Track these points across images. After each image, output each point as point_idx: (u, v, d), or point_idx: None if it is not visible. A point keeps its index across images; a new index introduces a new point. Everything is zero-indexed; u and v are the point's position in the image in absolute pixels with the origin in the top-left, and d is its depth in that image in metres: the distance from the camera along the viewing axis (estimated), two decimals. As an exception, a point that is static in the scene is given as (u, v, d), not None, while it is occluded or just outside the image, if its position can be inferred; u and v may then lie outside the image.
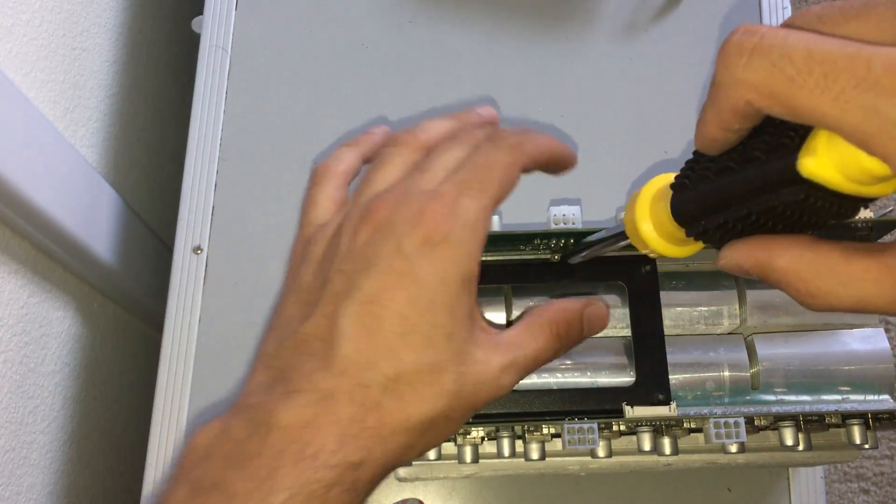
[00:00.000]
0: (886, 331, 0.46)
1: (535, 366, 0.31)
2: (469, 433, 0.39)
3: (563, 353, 0.32)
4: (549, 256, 0.38)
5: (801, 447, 0.39)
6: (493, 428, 0.39)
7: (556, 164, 0.33)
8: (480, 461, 0.41)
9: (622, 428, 0.39)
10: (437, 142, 0.32)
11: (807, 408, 0.37)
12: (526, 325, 0.32)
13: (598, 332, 0.33)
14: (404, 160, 0.32)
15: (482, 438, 0.40)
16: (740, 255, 0.25)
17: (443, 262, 0.28)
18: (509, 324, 0.38)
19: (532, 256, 0.38)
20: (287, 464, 0.26)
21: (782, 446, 0.39)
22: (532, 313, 0.32)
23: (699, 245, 0.27)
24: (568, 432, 0.36)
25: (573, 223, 0.38)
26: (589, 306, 0.32)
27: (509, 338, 0.31)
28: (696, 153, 0.25)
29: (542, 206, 0.52)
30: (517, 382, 0.31)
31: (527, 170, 0.31)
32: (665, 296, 0.39)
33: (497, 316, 0.39)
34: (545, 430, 0.39)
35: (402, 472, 0.44)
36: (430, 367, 0.28)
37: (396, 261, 0.28)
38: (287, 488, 0.26)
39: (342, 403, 0.27)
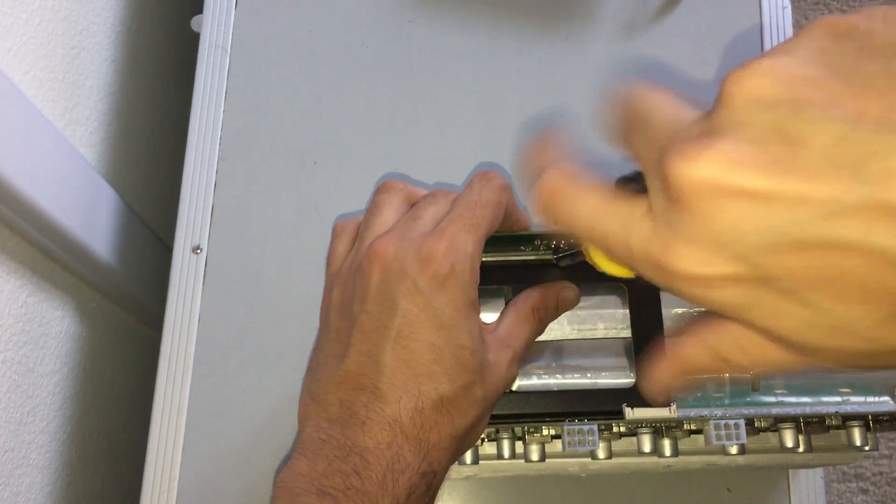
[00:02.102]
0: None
1: (527, 349, 0.36)
2: (469, 434, 0.39)
3: (543, 332, 0.38)
4: (549, 257, 0.38)
5: (801, 449, 0.39)
6: (493, 429, 0.39)
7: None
8: (480, 462, 0.41)
9: (622, 429, 0.39)
10: (421, 196, 0.37)
11: (807, 409, 0.37)
12: (514, 316, 0.36)
13: (570, 309, 0.38)
14: (398, 206, 0.37)
15: (482, 439, 0.40)
16: (664, 379, 0.29)
17: (453, 292, 0.32)
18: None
19: (532, 257, 0.38)
20: (393, 472, 0.31)
21: (782, 448, 0.39)
22: (516, 303, 0.37)
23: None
24: (568, 434, 0.36)
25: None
26: (563, 290, 0.37)
27: (505, 332, 0.35)
28: None
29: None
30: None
31: (507, 210, 0.36)
32: (665, 297, 0.39)
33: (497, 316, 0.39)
34: (545, 432, 0.39)
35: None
36: (464, 384, 0.32)
37: (415, 298, 0.32)
38: (397, 496, 0.30)
39: (407, 426, 0.31)
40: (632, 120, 0.25)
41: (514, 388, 0.38)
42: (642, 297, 0.38)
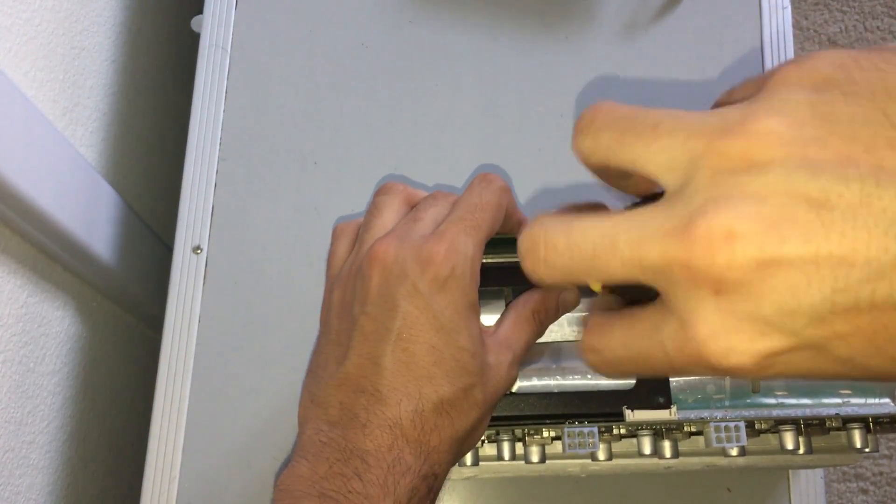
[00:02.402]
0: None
1: (527, 351, 0.36)
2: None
3: (543, 334, 0.37)
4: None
5: (801, 451, 0.39)
6: (494, 431, 0.39)
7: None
8: (481, 464, 0.41)
9: (622, 431, 0.39)
10: (421, 198, 0.37)
11: (807, 411, 0.37)
12: (514, 318, 0.36)
13: (570, 311, 0.38)
14: (398, 208, 0.36)
15: (482, 441, 0.40)
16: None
17: (453, 294, 0.32)
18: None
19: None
20: (395, 474, 0.31)
21: (783, 449, 0.39)
22: (517, 305, 0.37)
23: None
24: (568, 436, 0.36)
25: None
26: (563, 292, 0.37)
27: (505, 334, 0.35)
28: None
29: (543, 207, 0.52)
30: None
31: (507, 212, 0.36)
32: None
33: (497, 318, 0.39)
34: (545, 434, 0.39)
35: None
36: (464, 386, 0.32)
37: (415, 300, 0.32)
38: (398, 499, 0.30)
39: (408, 429, 0.31)
40: (633, 124, 0.24)
41: (515, 389, 0.38)
42: (643, 299, 0.38)
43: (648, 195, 0.27)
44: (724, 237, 0.20)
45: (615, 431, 0.39)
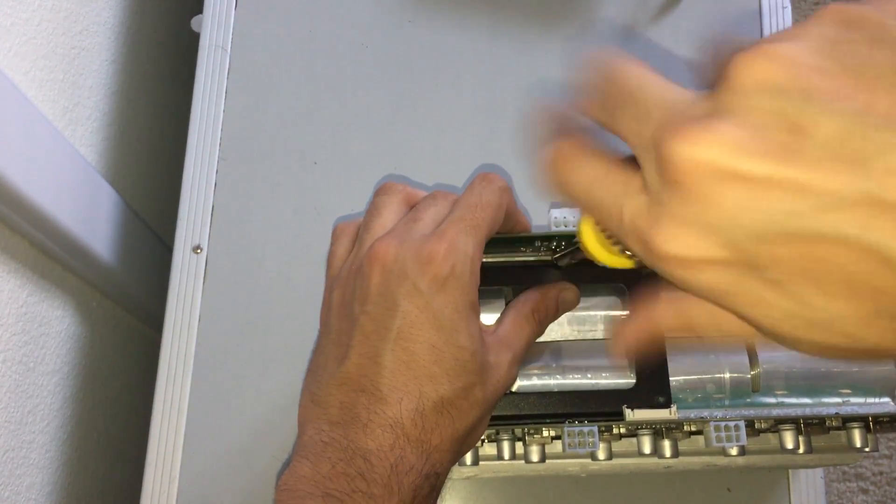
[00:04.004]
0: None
1: (527, 351, 0.36)
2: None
3: (542, 333, 0.38)
4: (549, 258, 0.38)
5: (801, 450, 0.39)
6: (494, 430, 0.39)
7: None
8: (481, 463, 0.41)
9: (622, 430, 0.39)
10: (421, 197, 0.37)
11: (807, 410, 0.37)
12: (514, 317, 0.36)
13: (570, 310, 0.38)
14: (397, 207, 0.36)
15: (482, 440, 0.40)
16: (629, 339, 0.29)
17: (453, 294, 0.32)
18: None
19: (533, 258, 0.38)
20: (398, 474, 0.31)
21: (783, 449, 0.39)
22: (516, 305, 0.37)
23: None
24: (568, 435, 0.36)
25: (573, 225, 0.38)
26: (562, 291, 0.37)
27: (505, 333, 0.35)
28: None
29: (543, 208, 0.52)
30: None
31: (508, 212, 0.36)
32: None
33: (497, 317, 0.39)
34: (545, 433, 0.39)
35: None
36: (464, 385, 0.32)
37: (415, 299, 0.32)
38: (402, 498, 0.30)
39: (409, 428, 0.31)
40: (617, 95, 0.24)
41: (515, 389, 0.38)
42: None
43: None
44: (694, 138, 0.20)
45: (615, 431, 0.39)
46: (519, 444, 0.40)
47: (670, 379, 0.37)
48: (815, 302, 0.21)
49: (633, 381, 0.38)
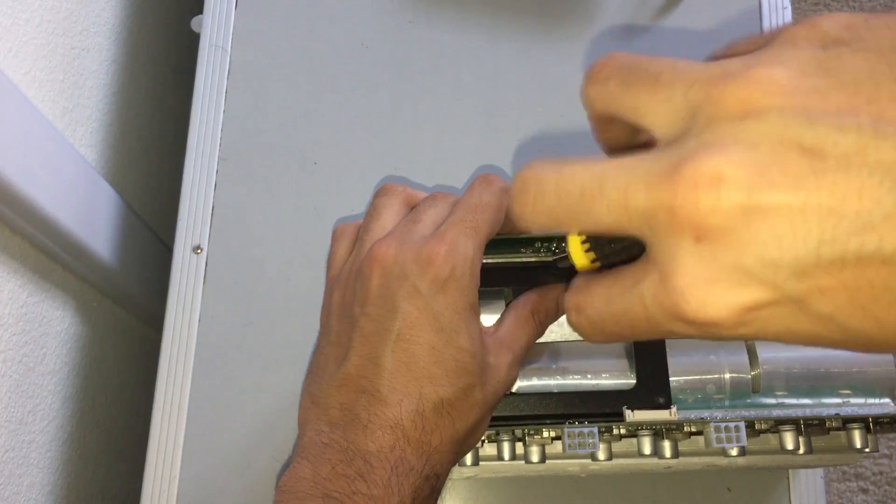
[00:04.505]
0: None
1: (527, 352, 0.36)
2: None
3: (542, 334, 0.37)
4: (549, 259, 0.38)
5: (801, 451, 0.39)
6: (494, 431, 0.39)
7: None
8: (481, 464, 0.41)
9: (622, 431, 0.39)
10: (420, 199, 0.37)
11: (807, 411, 0.37)
12: (514, 318, 0.36)
13: None
14: (397, 209, 0.36)
15: (482, 441, 0.40)
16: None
17: (453, 295, 0.32)
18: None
19: (533, 259, 0.38)
20: (398, 475, 0.31)
21: (783, 449, 0.39)
22: (517, 306, 0.37)
23: None
24: (568, 436, 0.36)
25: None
26: (562, 292, 0.37)
27: (505, 334, 0.35)
28: None
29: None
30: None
31: (507, 214, 0.35)
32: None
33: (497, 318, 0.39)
34: (545, 434, 0.39)
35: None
36: (464, 386, 0.32)
37: (415, 301, 0.32)
38: (402, 499, 0.30)
39: (409, 429, 0.31)
40: (636, 75, 0.24)
41: (514, 389, 0.38)
42: None
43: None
44: (709, 181, 0.19)
45: (615, 431, 0.39)
46: (519, 445, 0.40)
47: (670, 379, 0.37)
48: (865, 327, 0.20)
49: (633, 381, 0.38)
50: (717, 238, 0.19)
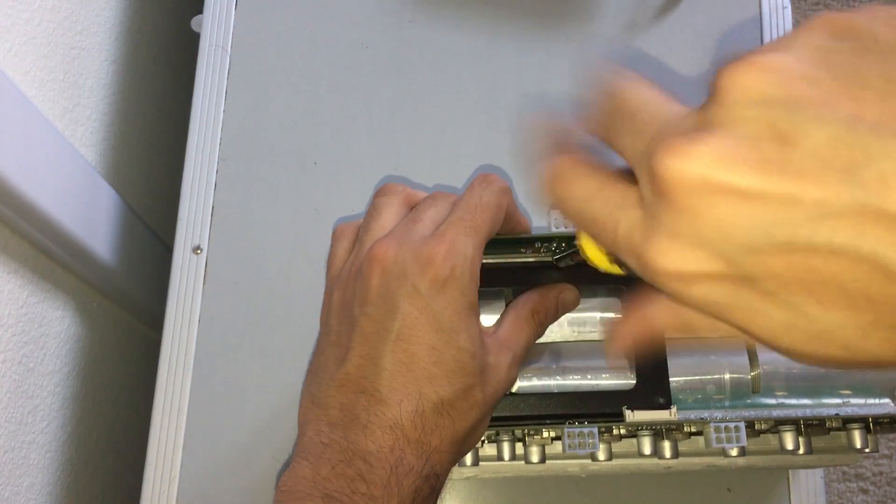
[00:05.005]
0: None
1: (527, 352, 0.36)
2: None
3: (542, 334, 0.38)
4: (549, 259, 0.38)
5: (801, 451, 0.39)
6: (494, 431, 0.39)
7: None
8: (481, 464, 0.41)
9: (622, 431, 0.39)
10: (420, 198, 0.37)
11: (807, 412, 0.37)
12: (514, 318, 0.36)
13: (570, 312, 0.38)
14: (397, 209, 0.36)
15: (482, 441, 0.40)
16: (625, 341, 0.29)
17: (453, 295, 0.32)
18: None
19: (532, 259, 0.38)
20: (398, 475, 0.31)
21: (783, 450, 0.39)
22: (516, 306, 0.37)
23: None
24: (568, 436, 0.36)
25: (574, 227, 0.38)
26: (562, 292, 0.37)
27: (505, 335, 0.35)
28: None
29: (543, 209, 0.52)
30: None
31: (507, 213, 0.36)
32: (666, 298, 0.39)
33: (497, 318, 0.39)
34: (545, 434, 0.39)
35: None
36: (464, 386, 0.32)
37: (415, 300, 0.32)
38: (402, 499, 0.31)
39: (409, 429, 0.31)
40: (617, 112, 0.24)
41: (514, 390, 0.38)
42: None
43: None
44: (683, 152, 0.20)
45: (615, 432, 0.39)
46: (519, 445, 0.40)
47: (670, 380, 0.37)
48: (812, 313, 0.20)
49: (633, 381, 0.38)
50: (680, 206, 0.21)
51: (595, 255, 0.30)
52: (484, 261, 0.35)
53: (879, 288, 0.19)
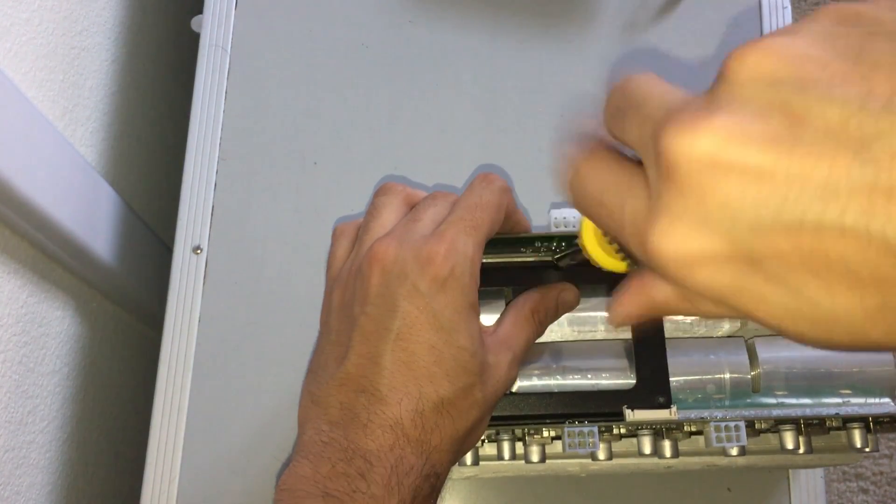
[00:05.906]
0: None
1: (527, 351, 0.36)
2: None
3: (542, 334, 0.38)
4: (549, 259, 0.38)
5: (801, 450, 0.39)
6: (494, 430, 0.39)
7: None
8: (481, 463, 0.41)
9: (623, 431, 0.39)
10: (420, 198, 0.37)
11: (807, 411, 0.37)
12: (513, 318, 0.36)
13: (570, 311, 0.38)
14: (397, 208, 0.36)
15: (482, 441, 0.40)
16: (626, 309, 0.29)
17: (453, 294, 0.32)
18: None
19: (533, 259, 0.38)
20: (398, 474, 0.31)
21: (783, 449, 0.39)
22: (516, 305, 0.37)
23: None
24: (568, 435, 0.36)
25: (574, 226, 0.38)
26: (562, 291, 0.37)
27: (505, 334, 0.35)
28: None
29: (543, 208, 0.52)
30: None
31: (507, 213, 0.36)
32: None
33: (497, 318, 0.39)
34: (545, 433, 0.39)
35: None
36: (464, 386, 0.33)
37: (415, 300, 0.32)
38: (402, 498, 0.31)
39: (409, 428, 0.31)
40: (625, 103, 0.24)
41: (514, 389, 0.38)
42: None
43: None
44: (690, 131, 0.20)
45: (615, 431, 0.39)
46: (519, 445, 0.40)
47: (670, 379, 0.37)
48: (818, 296, 0.20)
49: (633, 381, 0.38)
50: (685, 184, 0.20)
51: (596, 253, 0.30)
52: (484, 260, 0.35)
53: (888, 269, 0.18)
